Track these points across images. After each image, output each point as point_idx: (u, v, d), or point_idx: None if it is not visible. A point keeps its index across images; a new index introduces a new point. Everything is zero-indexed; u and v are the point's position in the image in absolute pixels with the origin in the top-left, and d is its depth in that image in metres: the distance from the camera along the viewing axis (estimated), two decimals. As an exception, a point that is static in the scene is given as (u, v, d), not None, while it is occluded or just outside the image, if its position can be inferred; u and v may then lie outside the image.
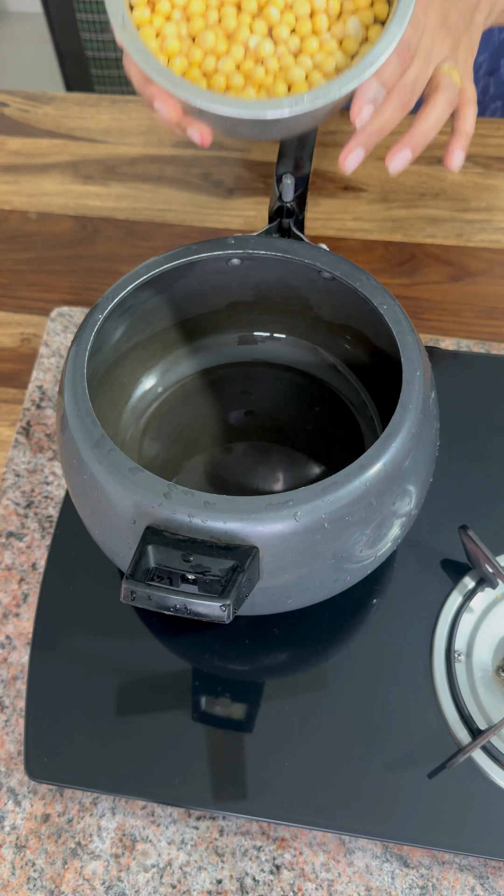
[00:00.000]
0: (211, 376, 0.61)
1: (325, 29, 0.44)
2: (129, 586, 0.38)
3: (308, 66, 0.44)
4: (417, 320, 0.71)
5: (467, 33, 0.52)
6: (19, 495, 0.62)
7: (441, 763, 0.49)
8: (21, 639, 0.56)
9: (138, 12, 0.44)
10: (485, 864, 0.48)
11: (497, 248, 0.75)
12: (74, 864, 0.48)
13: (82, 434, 0.43)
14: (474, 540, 0.51)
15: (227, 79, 0.44)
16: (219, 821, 0.50)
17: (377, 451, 0.42)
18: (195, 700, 0.51)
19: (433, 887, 0.47)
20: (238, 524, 0.40)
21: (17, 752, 0.52)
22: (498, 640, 0.52)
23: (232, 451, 0.59)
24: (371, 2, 0.44)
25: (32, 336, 0.72)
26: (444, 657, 0.52)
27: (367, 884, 0.47)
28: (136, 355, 0.58)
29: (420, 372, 0.45)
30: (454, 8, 0.50)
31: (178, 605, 0.38)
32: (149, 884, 0.48)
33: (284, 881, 0.48)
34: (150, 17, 0.44)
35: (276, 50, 0.44)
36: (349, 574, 0.47)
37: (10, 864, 0.49)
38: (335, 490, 0.41)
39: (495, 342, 0.69)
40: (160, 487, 0.41)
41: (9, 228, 0.79)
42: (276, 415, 0.60)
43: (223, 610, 0.38)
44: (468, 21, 0.52)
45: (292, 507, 0.40)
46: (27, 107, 0.88)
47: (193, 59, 0.44)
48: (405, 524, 0.47)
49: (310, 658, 0.53)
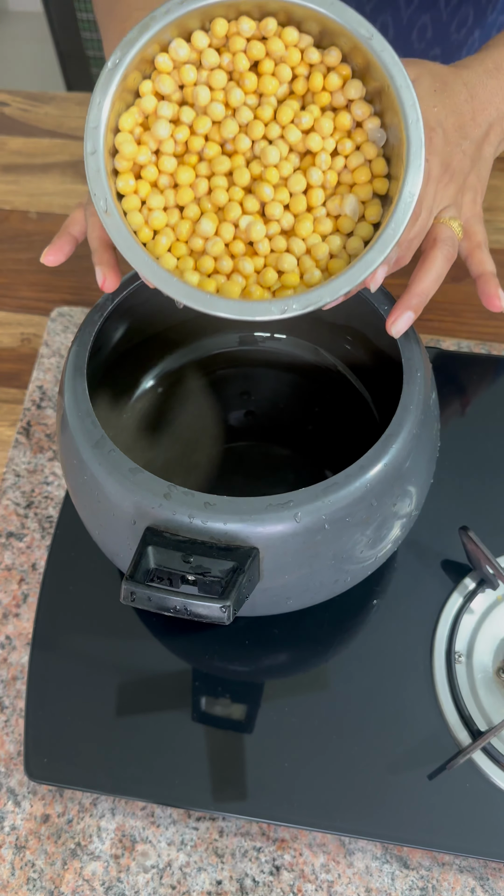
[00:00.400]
0: (211, 376, 0.61)
1: (320, 204, 0.42)
2: (129, 587, 0.38)
3: (301, 251, 0.41)
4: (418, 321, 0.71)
5: (474, 171, 0.49)
6: (19, 495, 0.62)
7: (441, 764, 0.49)
8: (21, 639, 0.56)
9: (122, 182, 0.41)
10: (485, 865, 0.48)
11: (498, 249, 0.75)
12: (74, 864, 0.48)
13: (82, 434, 0.43)
14: (475, 541, 0.51)
15: (216, 262, 0.42)
16: (219, 822, 0.50)
17: (378, 451, 0.42)
18: (195, 701, 0.51)
19: (433, 888, 0.47)
20: (238, 525, 0.40)
21: (17, 752, 0.52)
22: (498, 641, 0.52)
23: (232, 452, 0.59)
24: (370, 177, 0.41)
25: (33, 336, 0.72)
26: (444, 658, 0.52)
27: (367, 885, 0.47)
28: (137, 355, 0.58)
29: (421, 373, 0.45)
30: (457, 150, 0.47)
31: (178, 607, 0.38)
32: (148, 884, 0.48)
33: (284, 882, 0.48)
34: (136, 185, 0.41)
35: (268, 229, 0.41)
36: (349, 575, 0.47)
37: (10, 865, 0.48)
38: (336, 491, 0.41)
39: (496, 343, 0.69)
40: (160, 488, 0.41)
41: (9, 228, 0.79)
42: (277, 415, 0.60)
43: (223, 611, 0.38)
44: (475, 158, 0.48)
45: (293, 507, 0.40)
46: (28, 106, 0.88)
47: (180, 234, 0.42)
48: (406, 525, 0.47)
49: (310, 659, 0.53)
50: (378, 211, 0.42)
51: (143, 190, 0.41)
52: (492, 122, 0.48)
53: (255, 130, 0.41)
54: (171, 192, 0.42)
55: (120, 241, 0.40)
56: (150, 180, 0.42)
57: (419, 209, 0.44)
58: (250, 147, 0.42)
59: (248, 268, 0.41)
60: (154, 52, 0.41)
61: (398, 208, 0.39)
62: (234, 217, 0.41)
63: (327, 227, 0.42)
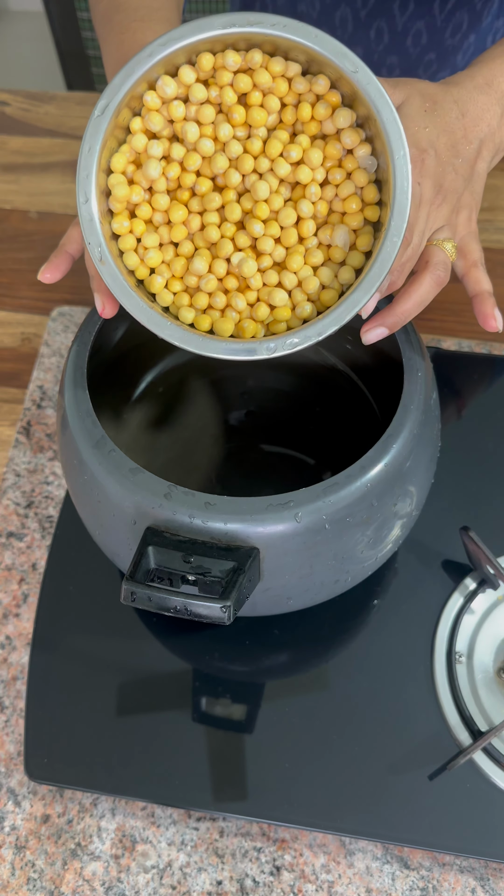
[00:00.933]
0: (212, 376, 0.61)
1: (311, 234, 0.42)
2: (130, 587, 0.38)
3: (292, 284, 0.42)
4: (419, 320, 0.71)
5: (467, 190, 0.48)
6: (19, 495, 0.62)
7: (442, 765, 0.49)
8: (21, 639, 0.56)
9: (117, 223, 0.42)
10: (485, 865, 0.48)
11: (498, 248, 0.75)
12: (74, 864, 0.48)
13: (83, 434, 0.43)
14: (475, 541, 0.51)
15: (210, 298, 0.43)
16: (219, 822, 0.49)
17: (378, 452, 0.42)
18: (195, 701, 0.51)
19: (434, 889, 0.47)
20: (239, 525, 0.40)
21: (17, 752, 0.52)
22: (499, 641, 0.52)
23: (233, 452, 0.59)
24: (361, 206, 0.42)
25: (33, 336, 0.72)
26: (445, 658, 0.52)
27: (367, 885, 0.47)
28: (137, 355, 0.58)
29: (421, 373, 0.45)
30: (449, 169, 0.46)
31: (178, 607, 0.38)
32: (149, 885, 0.48)
33: (285, 882, 0.48)
34: (131, 225, 0.42)
35: (260, 263, 0.42)
36: (350, 575, 0.47)
37: (10, 865, 0.48)
38: (336, 491, 0.41)
39: (497, 343, 0.69)
40: (161, 488, 0.41)
41: (10, 228, 0.79)
42: (277, 415, 0.60)
43: (224, 611, 0.38)
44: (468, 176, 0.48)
45: (293, 508, 0.40)
46: (28, 106, 0.88)
47: (175, 271, 0.43)
48: (406, 525, 0.47)
49: (310, 659, 0.53)
50: (369, 240, 0.42)
51: (139, 228, 0.42)
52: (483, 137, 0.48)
53: (245, 164, 0.41)
54: (165, 229, 0.43)
55: (116, 288, 0.41)
56: (145, 218, 0.42)
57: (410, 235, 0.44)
58: (241, 181, 0.42)
59: (240, 304, 0.43)
60: (143, 91, 0.40)
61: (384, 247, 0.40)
62: (225, 254, 0.42)
63: (318, 258, 0.42)
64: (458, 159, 0.47)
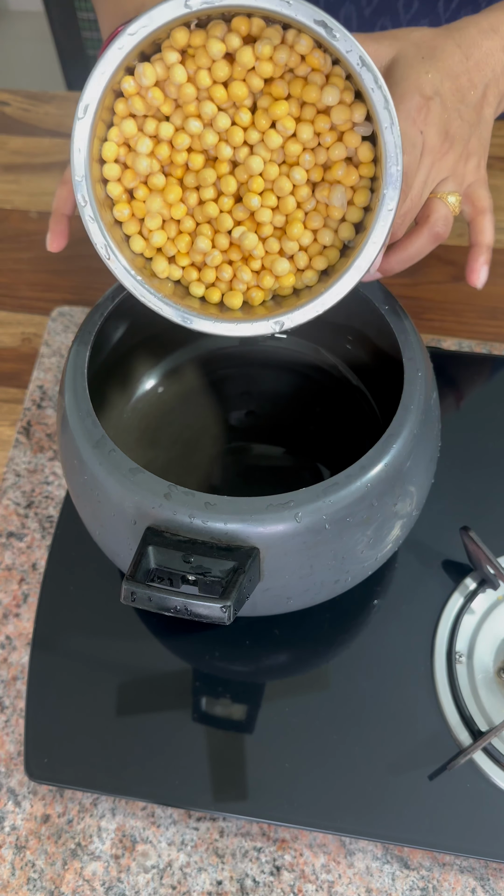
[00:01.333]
0: (212, 376, 0.61)
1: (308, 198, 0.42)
2: (130, 587, 0.38)
3: (293, 250, 0.43)
4: (419, 320, 0.71)
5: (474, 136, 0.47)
6: (19, 495, 0.62)
7: (442, 765, 0.49)
8: (21, 639, 0.56)
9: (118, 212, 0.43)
10: (485, 865, 0.48)
11: (499, 248, 0.75)
12: (74, 864, 0.48)
13: (83, 434, 0.43)
14: (475, 541, 0.51)
15: (217, 271, 0.44)
16: (219, 822, 0.49)
17: (378, 451, 0.42)
18: (196, 701, 0.51)
19: (434, 889, 0.47)
20: (239, 525, 0.40)
21: (17, 752, 0.52)
22: (499, 641, 0.52)
23: (233, 452, 0.59)
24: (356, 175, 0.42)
25: (33, 336, 0.72)
26: (445, 658, 0.52)
27: (367, 885, 0.47)
28: (137, 355, 0.58)
29: (422, 372, 0.45)
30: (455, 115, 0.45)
31: (178, 607, 0.38)
32: (149, 885, 0.48)
33: (285, 882, 0.48)
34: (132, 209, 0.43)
35: (261, 233, 0.43)
36: (350, 575, 0.47)
37: (10, 865, 0.48)
38: (336, 491, 0.41)
39: (497, 342, 0.69)
40: (161, 488, 0.41)
41: (10, 228, 0.79)
42: (277, 415, 0.60)
43: (224, 611, 0.38)
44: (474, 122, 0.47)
45: (293, 507, 0.40)
46: (28, 106, 0.88)
47: (180, 247, 0.44)
48: (406, 525, 0.47)
49: (311, 659, 0.53)
50: (366, 197, 0.42)
51: (140, 211, 0.43)
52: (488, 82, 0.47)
53: (235, 137, 0.41)
54: (165, 207, 0.43)
55: (125, 278, 0.43)
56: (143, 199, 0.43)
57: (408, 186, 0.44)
58: (233, 153, 0.42)
59: (245, 276, 0.44)
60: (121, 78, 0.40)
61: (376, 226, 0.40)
62: (226, 228, 0.43)
63: (318, 222, 0.43)
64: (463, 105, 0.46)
